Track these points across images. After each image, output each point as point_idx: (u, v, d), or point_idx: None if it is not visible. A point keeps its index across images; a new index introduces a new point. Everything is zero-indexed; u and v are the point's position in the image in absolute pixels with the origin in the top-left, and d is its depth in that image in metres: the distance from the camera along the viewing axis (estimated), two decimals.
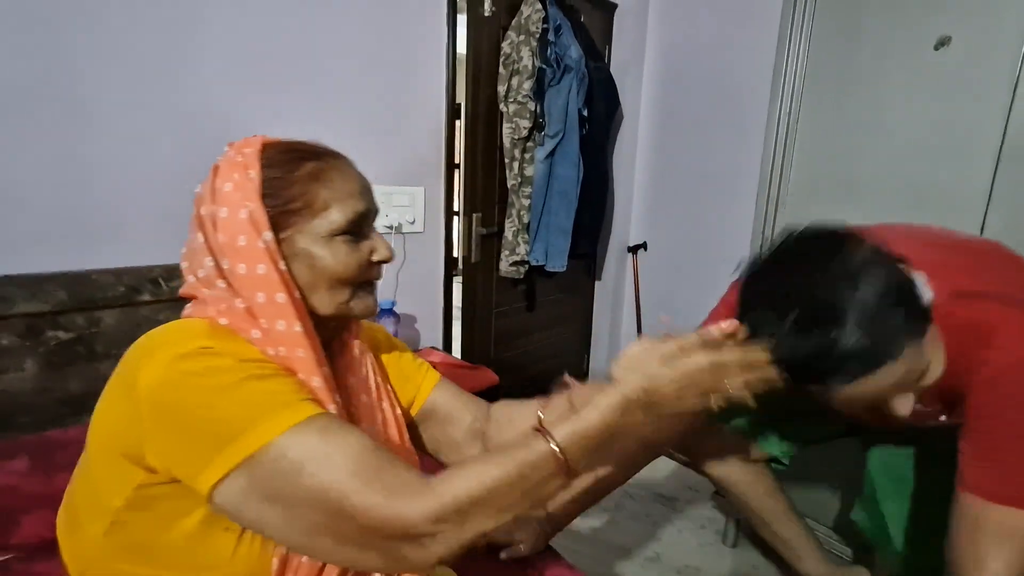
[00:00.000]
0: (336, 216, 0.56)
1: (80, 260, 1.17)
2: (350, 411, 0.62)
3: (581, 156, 2.03)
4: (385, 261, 0.61)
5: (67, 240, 1.17)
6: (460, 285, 2.05)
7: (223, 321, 0.53)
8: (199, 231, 0.55)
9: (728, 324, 0.59)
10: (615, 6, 2.36)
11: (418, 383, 0.75)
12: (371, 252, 0.60)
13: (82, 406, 1.16)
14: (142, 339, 0.53)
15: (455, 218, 1.95)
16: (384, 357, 0.75)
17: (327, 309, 0.58)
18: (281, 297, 0.53)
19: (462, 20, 1.83)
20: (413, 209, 1.81)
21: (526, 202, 2.01)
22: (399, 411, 0.70)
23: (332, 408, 0.53)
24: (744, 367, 0.57)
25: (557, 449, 0.50)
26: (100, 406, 0.53)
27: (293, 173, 0.55)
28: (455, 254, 1.98)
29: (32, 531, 0.85)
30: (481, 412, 0.75)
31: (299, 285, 0.56)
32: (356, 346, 0.66)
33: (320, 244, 0.56)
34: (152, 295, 1.22)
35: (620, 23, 2.37)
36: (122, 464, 0.50)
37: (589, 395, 0.55)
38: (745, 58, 2.04)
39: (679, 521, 1.73)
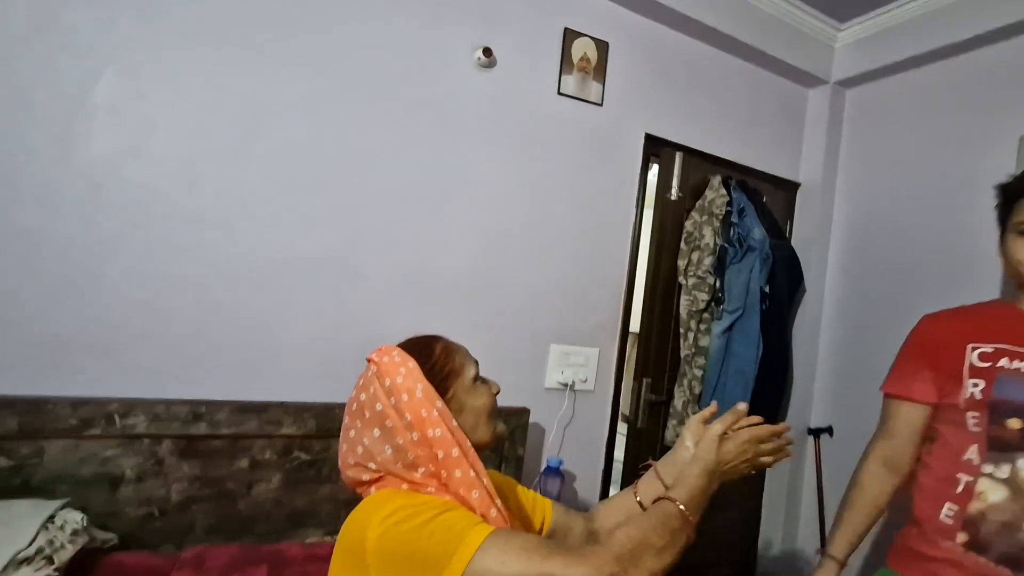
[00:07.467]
0: (471, 369, 0.79)
1: (329, 393, 1.44)
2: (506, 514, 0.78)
3: (761, 334, 1.98)
4: (498, 392, 0.82)
5: (324, 374, 1.46)
6: (622, 448, 2.02)
7: (404, 487, 0.70)
8: (374, 428, 0.70)
9: (742, 406, 0.88)
10: (798, 185, 2.41)
11: (542, 509, 0.92)
12: (491, 387, 0.80)
13: (300, 523, 1.35)
14: (354, 515, 0.68)
15: (623, 381, 1.99)
16: (503, 485, 0.90)
17: (487, 437, 0.78)
18: (456, 452, 0.69)
19: (649, 201, 2.04)
20: (587, 369, 1.90)
21: (698, 372, 1.98)
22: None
23: (494, 512, 0.70)
24: (761, 440, 0.85)
25: (682, 506, 0.71)
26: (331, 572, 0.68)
27: (434, 354, 0.76)
28: (621, 417, 1.98)
29: None
30: (585, 517, 0.93)
31: (466, 431, 0.73)
32: None
33: (471, 392, 0.77)
34: None
35: (803, 200, 2.40)
36: None
37: (675, 470, 0.85)
38: (963, 238, 1.88)
39: None
